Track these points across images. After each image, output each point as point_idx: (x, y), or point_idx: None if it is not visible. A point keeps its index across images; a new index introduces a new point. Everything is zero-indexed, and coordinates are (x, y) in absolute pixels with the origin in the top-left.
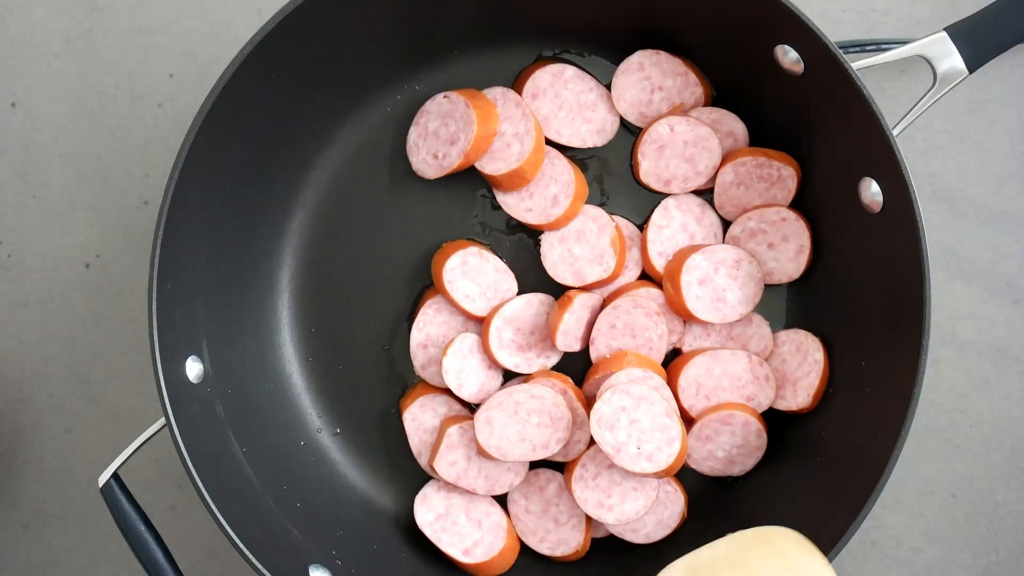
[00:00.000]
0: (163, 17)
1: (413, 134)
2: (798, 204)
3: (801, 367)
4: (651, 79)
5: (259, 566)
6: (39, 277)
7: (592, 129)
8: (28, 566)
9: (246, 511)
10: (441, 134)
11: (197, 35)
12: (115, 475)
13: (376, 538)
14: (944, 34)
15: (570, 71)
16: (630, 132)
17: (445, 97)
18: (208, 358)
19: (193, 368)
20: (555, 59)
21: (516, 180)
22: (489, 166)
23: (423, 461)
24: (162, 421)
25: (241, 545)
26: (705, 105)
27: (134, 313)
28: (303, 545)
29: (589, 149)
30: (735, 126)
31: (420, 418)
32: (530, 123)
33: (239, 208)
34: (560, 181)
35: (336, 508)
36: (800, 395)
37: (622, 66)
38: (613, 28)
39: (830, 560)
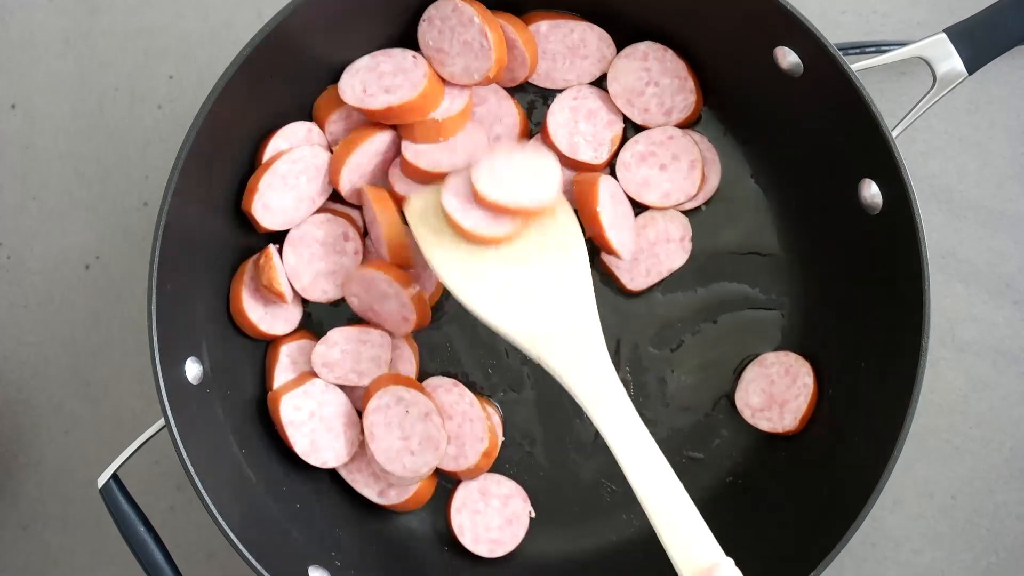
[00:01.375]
0: (163, 18)
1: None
2: (797, 196)
3: (790, 390)
4: (650, 71)
5: (259, 567)
6: (39, 278)
7: (593, 61)
8: (28, 567)
9: (246, 512)
10: (384, 80)
11: (197, 36)
12: (114, 476)
13: (376, 538)
14: (943, 36)
15: (544, 26)
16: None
17: (414, 57)
18: (208, 359)
19: (192, 369)
20: (525, 17)
21: (430, 133)
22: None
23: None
24: (161, 422)
25: (241, 546)
26: (693, 115)
27: (134, 314)
28: (303, 546)
29: (601, 79)
30: None
31: (296, 357)
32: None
33: (239, 209)
34: (505, 123)
35: (336, 508)
36: (787, 418)
37: (627, 50)
38: (611, 23)
39: (828, 562)
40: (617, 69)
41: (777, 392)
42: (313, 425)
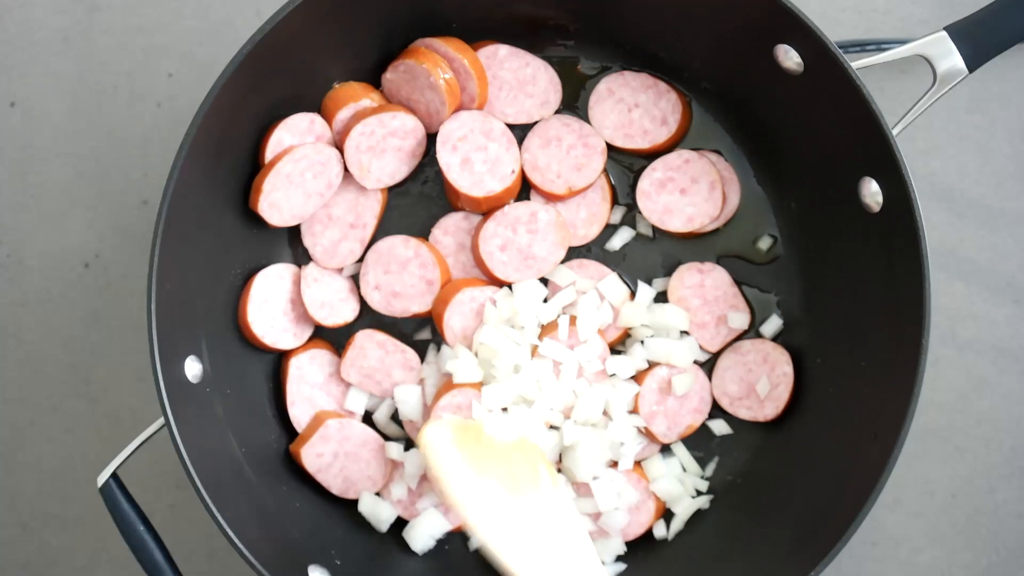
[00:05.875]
0: (162, 16)
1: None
2: (797, 195)
3: (768, 378)
4: (624, 100)
5: (258, 566)
6: (38, 277)
7: (536, 103)
8: (27, 566)
9: (245, 511)
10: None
11: (196, 34)
12: (114, 475)
13: (375, 537)
14: (944, 34)
15: (503, 50)
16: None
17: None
18: (207, 358)
19: (192, 368)
20: (486, 40)
21: (483, 204)
22: (475, 190)
23: (294, 411)
24: (161, 421)
25: (240, 545)
26: (684, 110)
27: (133, 313)
28: (302, 545)
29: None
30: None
31: (306, 368)
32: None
33: (238, 207)
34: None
35: (335, 508)
36: (768, 406)
37: (593, 97)
38: (611, 25)
39: (829, 561)
40: (597, 116)
41: (756, 381)
42: (341, 463)
